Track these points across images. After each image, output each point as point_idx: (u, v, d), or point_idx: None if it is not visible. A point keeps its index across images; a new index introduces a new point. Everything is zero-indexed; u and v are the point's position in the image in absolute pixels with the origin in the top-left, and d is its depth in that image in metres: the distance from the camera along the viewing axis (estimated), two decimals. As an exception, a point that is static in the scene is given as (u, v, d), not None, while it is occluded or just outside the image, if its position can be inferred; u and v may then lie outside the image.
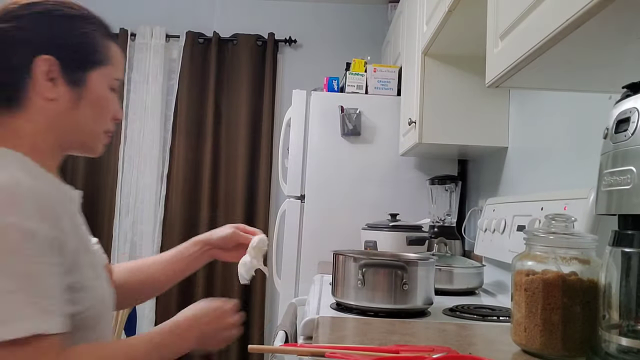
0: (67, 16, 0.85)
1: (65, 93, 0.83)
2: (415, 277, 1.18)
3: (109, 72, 0.89)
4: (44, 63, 0.81)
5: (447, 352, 0.81)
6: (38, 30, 0.82)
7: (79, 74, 0.85)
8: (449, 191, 2.19)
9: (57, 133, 0.84)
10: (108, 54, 0.89)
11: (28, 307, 0.67)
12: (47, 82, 0.82)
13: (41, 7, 0.83)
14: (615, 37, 0.73)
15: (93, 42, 0.87)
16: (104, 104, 0.88)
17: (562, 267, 0.82)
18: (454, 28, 1.59)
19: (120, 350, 0.80)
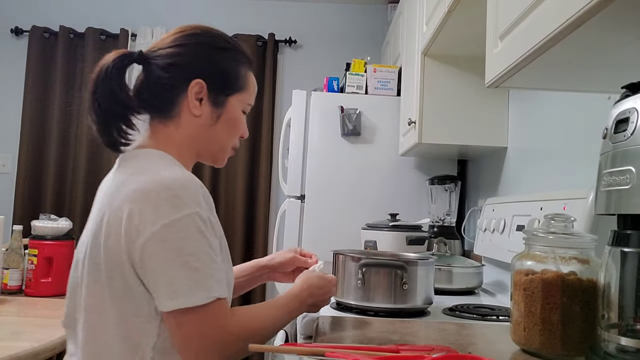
0: (220, 48, 1.02)
1: (208, 112, 1.00)
2: (415, 276, 1.18)
3: (245, 97, 1.05)
4: (197, 85, 0.98)
5: (447, 352, 0.81)
6: (197, 58, 1.00)
7: (222, 97, 1.01)
8: (448, 191, 2.19)
9: (196, 143, 1.02)
10: (246, 82, 1.05)
11: (210, 279, 0.85)
12: (196, 101, 0.99)
13: (202, 39, 1.01)
14: (615, 37, 0.73)
15: (236, 71, 1.03)
16: (236, 124, 1.04)
17: (562, 266, 0.82)
18: (454, 28, 1.60)
19: (265, 309, 0.98)
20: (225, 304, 0.88)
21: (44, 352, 1.33)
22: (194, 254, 0.84)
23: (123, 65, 0.98)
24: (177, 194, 0.85)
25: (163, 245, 0.83)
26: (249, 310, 0.95)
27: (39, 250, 1.91)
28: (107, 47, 3.42)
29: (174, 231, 0.83)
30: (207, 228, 0.87)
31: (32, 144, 3.35)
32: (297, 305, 1.02)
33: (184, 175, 0.89)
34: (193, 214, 0.85)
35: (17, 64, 3.43)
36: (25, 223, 2.15)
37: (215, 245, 0.89)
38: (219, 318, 0.86)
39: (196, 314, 0.83)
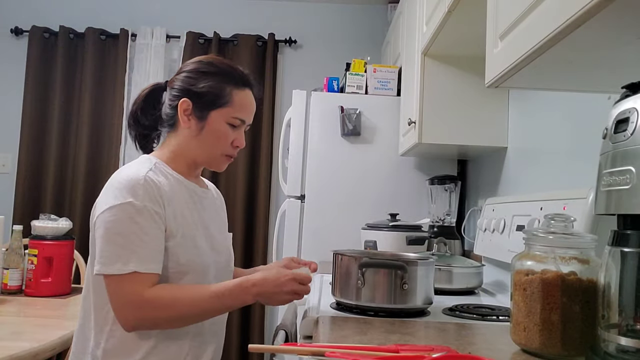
0: (207, 72, 1.23)
1: (194, 124, 1.22)
2: (415, 276, 1.18)
3: (228, 112, 1.22)
4: (184, 103, 1.21)
5: (447, 352, 0.81)
6: (188, 82, 1.23)
7: (205, 112, 1.22)
8: (448, 191, 2.19)
9: (188, 150, 1.24)
10: (229, 99, 1.22)
11: (131, 255, 1.06)
12: (185, 116, 1.22)
13: (192, 67, 1.25)
14: (615, 37, 0.73)
15: (218, 90, 1.22)
16: (219, 135, 1.23)
17: (562, 266, 0.82)
18: (454, 28, 1.60)
19: (191, 290, 1.10)
20: (145, 277, 1.06)
21: (44, 352, 1.33)
22: (120, 234, 1.06)
23: (149, 94, 1.28)
24: (120, 186, 1.09)
25: (100, 224, 1.08)
26: (173, 287, 1.10)
27: (39, 250, 1.91)
28: (107, 47, 3.43)
29: (109, 214, 1.07)
30: (141, 215, 1.07)
31: (32, 144, 3.35)
32: (239, 291, 1.10)
33: (135, 174, 1.11)
34: (126, 203, 1.07)
35: (17, 64, 3.43)
36: (25, 223, 2.15)
37: (149, 230, 1.08)
38: (133, 286, 1.05)
39: (114, 280, 1.06)
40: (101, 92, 3.39)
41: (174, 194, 1.17)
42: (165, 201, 1.13)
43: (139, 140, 1.30)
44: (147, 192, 1.10)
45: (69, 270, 2.01)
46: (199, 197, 1.26)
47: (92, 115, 3.35)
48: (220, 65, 1.25)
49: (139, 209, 1.08)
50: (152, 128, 1.29)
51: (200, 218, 1.23)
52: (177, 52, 3.43)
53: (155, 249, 1.09)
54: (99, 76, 3.39)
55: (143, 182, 1.10)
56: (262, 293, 1.11)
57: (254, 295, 1.11)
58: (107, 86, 3.39)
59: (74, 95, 3.40)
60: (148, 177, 1.12)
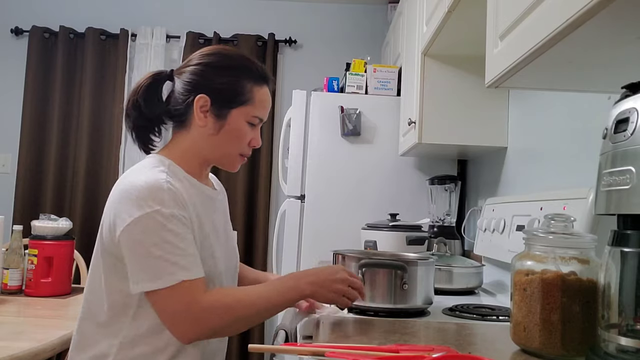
0: (226, 67, 1.15)
1: (211, 123, 1.13)
2: (415, 276, 1.18)
3: (249, 110, 1.15)
4: (201, 99, 1.12)
5: (447, 352, 0.81)
6: (203, 77, 1.13)
7: (224, 111, 1.13)
8: (448, 191, 2.19)
9: (201, 150, 1.16)
10: (251, 96, 1.15)
11: (171, 266, 0.99)
12: (201, 113, 1.12)
13: (211, 59, 1.15)
14: (615, 37, 0.73)
15: (240, 87, 1.14)
16: (238, 134, 1.15)
17: (562, 266, 0.82)
18: (454, 28, 1.60)
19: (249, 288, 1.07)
20: (195, 284, 1.00)
21: (44, 352, 1.33)
22: (156, 245, 0.99)
23: (151, 83, 1.16)
24: (141, 195, 1.01)
25: (128, 239, 1.00)
26: (228, 289, 1.07)
27: (39, 250, 1.91)
28: (107, 47, 3.43)
29: (136, 227, 0.99)
30: (171, 222, 1.01)
31: (32, 144, 3.35)
32: (292, 282, 1.07)
33: (153, 179, 1.03)
34: (153, 212, 0.99)
35: (17, 64, 3.43)
36: (25, 223, 2.15)
37: (184, 236, 1.02)
38: (187, 296, 0.99)
39: (163, 294, 0.99)
40: (101, 92, 3.39)
41: (191, 199, 1.09)
42: (188, 207, 1.07)
43: (137, 133, 1.19)
44: (172, 197, 1.03)
45: (69, 270, 2.01)
46: (211, 200, 1.19)
47: (92, 115, 3.35)
48: (239, 60, 1.17)
49: (167, 216, 1.00)
50: (155, 120, 1.18)
51: (214, 224, 1.17)
52: (177, 52, 3.43)
53: (195, 253, 1.03)
54: (99, 76, 3.39)
55: (167, 188, 1.03)
56: (315, 282, 1.07)
57: (310, 285, 1.06)
58: (107, 86, 3.39)
59: (74, 96, 3.40)
60: (169, 181, 1.05)
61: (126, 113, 1.17)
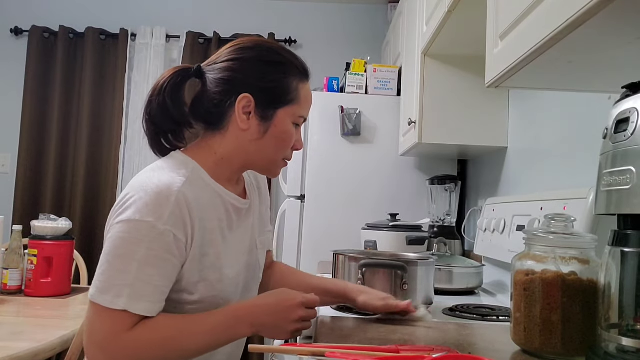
0: (271, 63, 1.01)
1: (256, 125, 1.00)
2: (415, 276, 1.18)
3: (295, 110, 1.03)
4: (244, 100, 0.98)
5: (447, 352, 0.81)
6: (245, 73, 1.00)
7: (270, 111, 1.00)
8: (448, 191, 2.19)
9: (243, 155, 1.03)
10: (297, 95, 1.02)
11: (126, 289, 0.87)
12: (243, 115, 0.99)
13: (252, 53, 1.01)
14: (615, 37, 0.73)
15: (286, 85, 1.01)
16: (285, 137, 1.03)
17: (562, 266, 0.82)
18: (454, 28, 1.60)
19: (177, 329, 0.91)
20: (128, 318, 0.87)
21: (44, 352, 1.33)
22: (123, 257, 0.88)
23: (178, 81, 1.02)
24: (147, 199, 0.89)
25: (111, 236, 0.90)
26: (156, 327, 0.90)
27: (39, 250, 1.91)
28: (107, 47, 3.43)
29: (122, 229, 0.89)
30: (158, 241, 0.88)
31: (32, 144, 3.35)
32: (235, 322, 0.93)
33: (166, 185, 0.91)
34: (144, 221, 0.88)
35: (17, 64, 3.43)
36: (25, 223, 2.15)
37: (162, 261, 0.89)
38: (114, 325, 0.87)
39: (97, 310, 0.88)
40: (101, 92, 3.39)
41: (208, 213, 0.97)
42: (196, 224, 0.93)
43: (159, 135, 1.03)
44: (175, 213, 0.90)
45: (69, 270, 2.01)
46: (237, 211, 1.05)
47: (92, 115, 3.35)
48: (283, 54, 1.04)
49: (158, 233, 0.88)
50: (181, 124, 1.03)
51: (234, 239, 1.04)
52: (177, 52, 3.43)
53: (157, 286, 0.90)
54: (99, 76, 3.39)
55: (174, 200, 0.90)
56: (261, 323, 0.94)
57: (252, 326, 0.93)
58: (107, 86, 3.39)
59: (74, 95, 3.40)
60: (182, 192, 0.92)
61: (149, 115, 1.01)
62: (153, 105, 1.01)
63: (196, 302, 0.97)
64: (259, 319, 0.94)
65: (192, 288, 0.96)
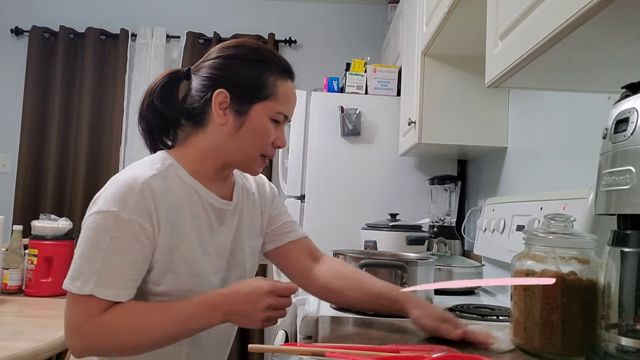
0: (249, 60, 1.05)
1: (232, 120, 1.03)
2: (414, 276, 1.18)
3: (272, 106, 1.04)
4: (220, 95, 1.02)
5: (447, 352, 0.81)
6: (222, 70, 1.04)
7: (245, 106, 1.03)
8: (448, 191, 2.19)
9: (221, 151, 1.06)
10: (275, 91, 1.05)
11: (94, 275, 0.91)
12: (220, 110, 1.03)
13: (231, 52, 1.06)
14: (615, 37, 0.73)
15: (263, 80, 1.04)
16: (262, 132, 1.05)
17: (562, 266, 0.82)
18: (454, 28, 1.60)
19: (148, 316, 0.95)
20: (97, 304, 0.91)
21: (44, 352, 1.33)
22: (93, 245, 0.93)
23: (167, 82, 1.08)
24: (113, 190, 0.95)
25: (83, 229, 0.96)
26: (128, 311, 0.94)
27: (39, 250, 1.91)
28: (107, 47, 3.43)
29: (91, 220, 0.94)
30: (123, 229, 0.93)
31: (32, 144, 3.35)
32: (204, 310, 0.95)
33: (133, 177, 0.96)
34: (110, 211, 0.93)
35: (17, 64, 3.43)
36: (25, 223, 2.15)
37: (128, 248, 0.93)
38: (85, 310, 0.92)
39: (70, 298, 0.93)
40: (101, 92, 3.39)
41: (182, 207, 1.00)
42: (163, 215, 0.96)
43: (152, 135, 1.10)
44: (139, 202, 0.94)
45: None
46: (217, 211, 1.07)
47: (92, 115, 3.35)
48: (262, 52, 1.07)
49: (122, 222, 0.92)
50: (171, 121, 1.09)
51: (213, 238, 1.06)
52: (177, 52, 3.43)
53: (124, 273, 0.93)
54: (99, 76, 3.39)
55: (138, 191, 0.94)
56: (232, 311, 0.95)
57: (223, 314, 0.95)
58: (107, 86, 3.39)
59: (74, 96, 3.40)
60: (148, 183, 0.96)
61: (140, 115, 1.09)
62: (144, 105, 1.08)
63: (163, 294, 0.99)
64: (230, 307, 0.95)
65: (159, 279, 0.98)
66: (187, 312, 0.95)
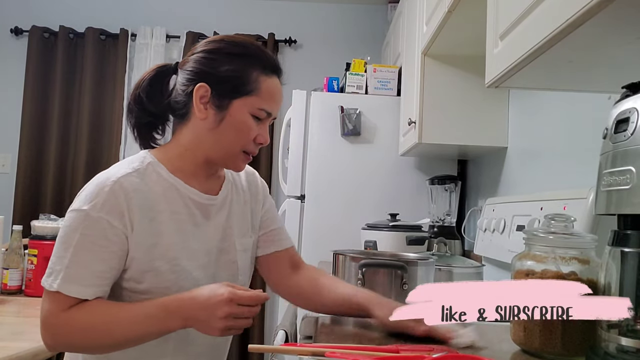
0: (232, 54, 1.04)
1: (211, 115, 1.02)
2: (415, 276, 1.18)
3: (253, 102, 1.03)
4: (201, 89, 1.02)
5: (447, 352, 0.81)
6: (203, 64, 1.03)
7: (225, 101, 1.02)
8: (448, 191, 2.19)
9: (202, 146, 1.05)
10: (257, 86, 1.03)
11: (63, 271, 0.94)
12: (200, 104, 1.02)
13: (214, 46, 1.05)
14: (615, 37, 0.73)
15: (245, 76, 1.02)
16: (242, 128, 1.03)
17: (562, 266, 0.82)
18: (454, 28, 1.60)
19: (108, 315, 0.95)
20: (63, 299, 0.93)
21: (44, 352, 1.33)
22: (64, 243, 0.95)
23: (154, 77, 1.08)
24: (87, 189, 0.97)
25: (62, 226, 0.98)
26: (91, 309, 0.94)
27: (39, 250, 1.91)
28: (107, 47, 3.43)
29: (66, 218, 0.97)
30: (92, 228, 0.94)
31: (32, 144, 3.35)
32: (164, 315, 0.92)
33: (106, 177, 0.98)
34: (81, 210, 0.95)
35: (17, 64, 3.43)
36: (25, 223, 2.15)
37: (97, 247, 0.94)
38: (52, 305, 0.94)
39: (44, 293, 0.96)
40: (101, 92, 3.39)
41: (159, 204, 1.00)
42: (136, 213, 0.96)
43: (139, 130, 1.10)
44: (109, 201, 0.94)
45: (69, 270, 2.01)
46: (200, 206, 1.06)
47: (92, 115, 3.36)
48: (245, 46, 1.05)
49: (92, 220, 0.94)
50: (159, 116, 1.09)
51: (196, 234, 1.05)
52: (177, 52, 3.43)
53: (91, 270, 0.94)
54: (99, 76, 3.40)
55: (108, 189, 0.95)
56: (191, 317, 0.92)
57: (183, 320, 0.92)
58: (107, 86, 3.40)
59: (74, 95, 3.40)
60: (120, 182, 0.96)
61: (128, 109, 1.09)
62: (131, 100, 1.09)
63: (145, 291, 0.98)
64: (190, 312, 0.92)
65: (140, 277, 0.98)
66: (146, 314, 0.93)
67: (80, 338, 0.95)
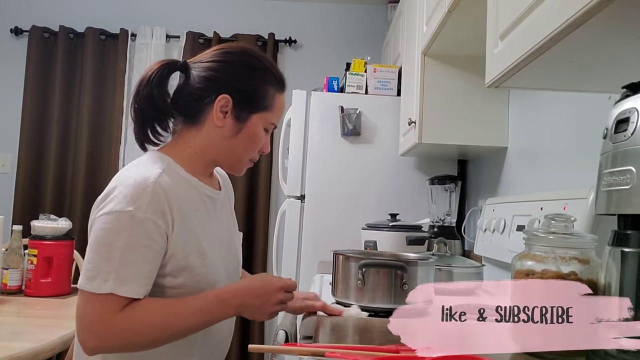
0: (252, 68, 1.10)
1: (230, 124, 1.08)
2: (415, 277, 1.18)
3: (268, 117, 1.12)
4: (223, 99, 1.07)
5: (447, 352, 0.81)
6: (228, 75, 1.08)
7: (245, 114, 1.09)
8: (448, 191, 2.19)
9: (214, 150, 1.11)
10: (272, 102, 1.11)
11: (111, 274, 0.93)
12: (220, 113, 1.07)
13: (236, 57, 1.11)
14: (615, 37, 0.73)
15: (263, 91, 1.10)
16: (255, 139, 1.12)
17: (562, 267, 0.82)
18: (454, 28, 1.59)
19: (166, 311, 0.98)
20: (117, 300, 0.94)
21: (44, 352, 1.33)
22: (108, 245, 0.94)
23: (165, 73, 1.09)
24: (125, 191, 0.96)
25: (95, 229, 0.97)
26: (147, 308, 0.97)
27: (39, 250, 1.91)
28: (107, 47, 3.43)
29: (104, 220, 0.96)
30: (139, 228, 0.95)
31: (32, 144, 3.35)
32: (219, 304, 1.00)
33: (143, 177, 0.98)
34: (124, 211, 0.95)
35: (17, 64, 3.43)
36: (25, 223, 2.15)
37: (144, 247, 0.95)
38: (103, 307, 0.94)
39: (86, 297, 0.95)
40: (101, 92, 3.39)
41: (185, 202, 1.03)
42: (175, 212, 1.00)
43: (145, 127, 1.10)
44: (154, 201, 0.96)
45: (69, 270, 2.01)
46: (212, 201, 1.13)
47: (92, 115, 3.36)
48: (265, 62, 1.12)
49: (138, 221, 0.95)
50: (166, 114, 1.11)
51: (212, 228, 1.11)
52: (177, 52, 3.43)
53: (140, 270, 0.96)
54: (99, 76, 3.39)
55: (151, 190, 0.97)
56: (244, 305, 1.01)
57: (237, 307, 1.01)
58: (107, 86, 3.40)
59: (73, 95, 3.40)
60: (159, 182, 0.98)
61: (137, 105, 1.08)
62: (141, 95, 1.07)
63: (179, 286, 1.02)
64: (245, 300, 1.02)
65: (177, 273, 1.02)
66: (200, 306, 0.99)
67: (133, 338, 0.96)
